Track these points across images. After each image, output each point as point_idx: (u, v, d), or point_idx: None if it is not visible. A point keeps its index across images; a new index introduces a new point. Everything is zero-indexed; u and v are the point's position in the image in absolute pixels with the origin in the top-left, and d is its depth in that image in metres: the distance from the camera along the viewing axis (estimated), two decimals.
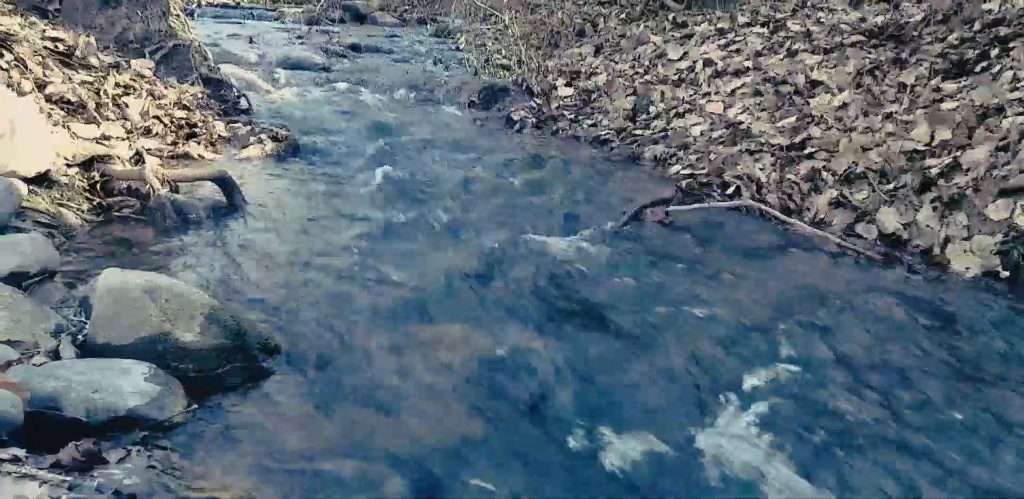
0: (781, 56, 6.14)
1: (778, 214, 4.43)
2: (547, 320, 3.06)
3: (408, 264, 3.56)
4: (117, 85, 4.84)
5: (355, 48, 11.18)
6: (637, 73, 7.19)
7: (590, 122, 6.80)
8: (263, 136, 5.41)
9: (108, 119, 4.52)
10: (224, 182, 4.22)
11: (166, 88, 5.27)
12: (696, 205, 4.55)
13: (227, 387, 2.47)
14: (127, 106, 4.75)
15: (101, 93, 4.65)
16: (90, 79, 4.71)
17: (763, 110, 5.54)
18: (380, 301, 3.14)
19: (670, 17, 8.46)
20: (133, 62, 5.36)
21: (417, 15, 15.93)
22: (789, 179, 4.66)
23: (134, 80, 5.05)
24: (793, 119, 5.17)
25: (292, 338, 2.78)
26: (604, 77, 7.37)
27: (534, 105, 7.37)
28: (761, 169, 4.85)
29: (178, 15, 6.41)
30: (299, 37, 11.74)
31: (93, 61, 4.94)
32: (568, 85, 7.60)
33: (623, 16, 9.24)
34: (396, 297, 3.18)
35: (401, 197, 4.60)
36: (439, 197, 4.64)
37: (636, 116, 6.54)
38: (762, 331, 3.04)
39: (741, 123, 5.49)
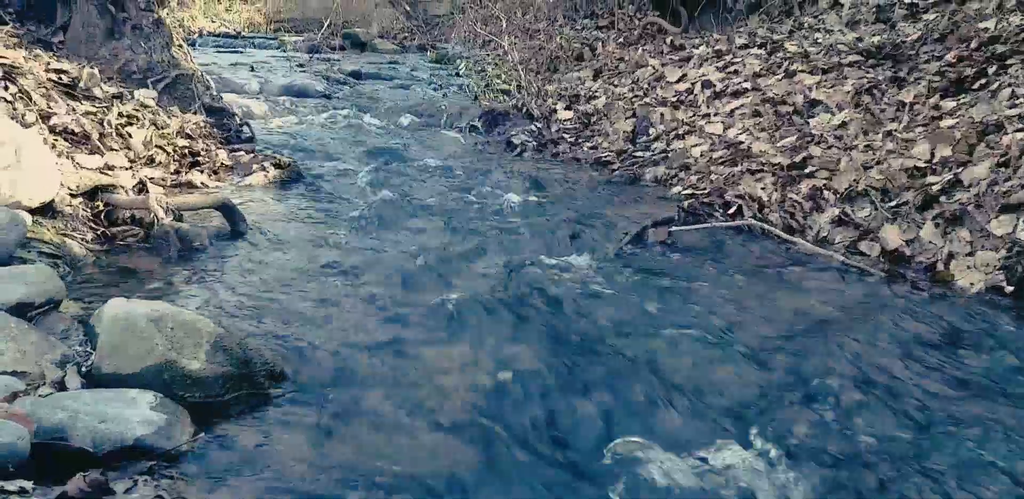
0: (779, 77, 6.18)
1: (780, 233, 4.44)
2: (552, 343, 3.05)
3: (411, 289, 3.56)
4: (120, 115, 4.89)
5: (356, 75, 11.28)
6: (636, 96, 7.24)
7: (590, 145, 6.83)
8: (266, 163, 5.44)
9: (112, 149, 4.56)
10: (227, 210, 4.24)
11: (169, 118, 5.32)
12: (698, 225, 4.56)
13: (233, 414, 2.47)
14: (130, 136, 4.79)
15: (104, 123, 4.69)
16: (94, 110, 4.76)
17: (763, 130, 5.57)
18: (384, 326, 3.14)
19: (668, 40, 8.53)
20: (136, 92, 5.41)
21: (417, 42, 16.09)
22: (791, 198, 4.68)
23: (137, 110, 5.09)
24: (793, 139, 5.20)
25: (297, 364, 2.78)
26: (603, 100, 7.42)
27: (534, 129, 7.41)
28: (762, 188, 4.86)
29: (180, 45, 6.48)
30: (300, 65, 11.86)
31: (97, 92, 4.99)
32: (568, 109, 7.65)
33: (621, 40, 9.32)
34: (400, 322, 3.18)
35: (403, 222, 4.62)
36: (441, 221, 4.65)
37: (636, 138, 6.57)
38: (767, 351, 3.04)
39: (741, 143, 5.52)
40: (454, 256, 4.05)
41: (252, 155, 5.60)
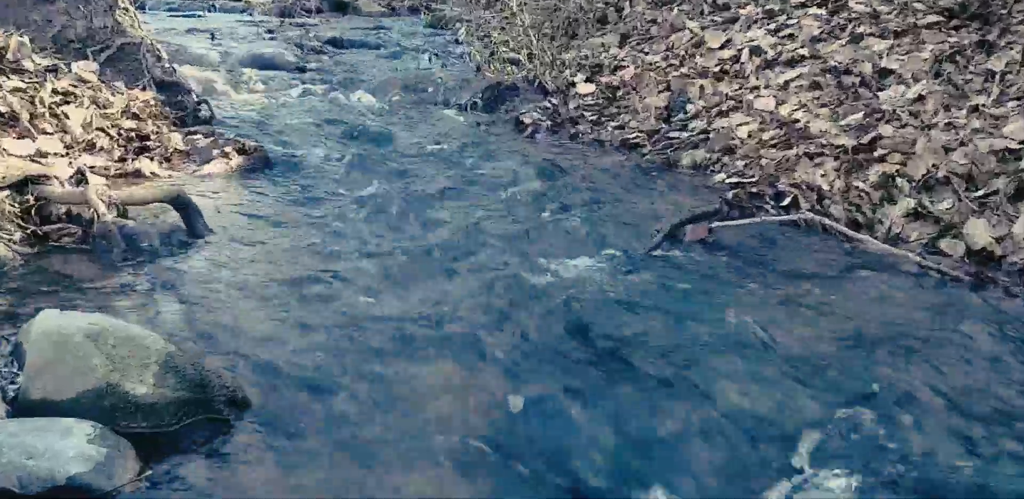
0: (843, 41, 6.16)
1: (844, 229, 4.42)
2: (568, 362, 3.06)
3: (400, 298, 3.57)
4: (55, 92, 4.92)
5: (336, 43, 11.32)
6: (671, 65, 7.24)
7: (616, 124, 6.83)
8: (228, 149, 5.47)
9: (44, 132, 4.59)
10: (182, 204, 4.25)
11: (113, 95, 5.35)
12: (745, 220, 4.55)
13: (187, 447, 2.48)
14: (67, 117, 4.82)
15: (36, 102, 4.72)
16: (23, 86, 4.79)
17: (823, 106, 5.56)
18: (367, 343, 3.14)
19: None
20: (74, 65, 5.44)
21: (408, 3, 16.11)
22: (856, 187, 4.67)
23: (75, 86, 5.12)
24: (860, 116, 5.18)
25: (263, 388, 2.79)
26: (632, 71, 7.42)
27: (548, 105, 7.42)
28: (822, 176, 4.85)
29: (126, 9, 6.52)
30: (269, 31, 11.90)
31: (27, 65, 5.02)
32: (589, 81, 7.65)
33: None
34: (386, 338, 3.19)
35: (391, 219, 4.63)
36: (436, 217, 4.66)
37: (671, 116, 6.57)
38: (828, 370, 3.03)
39: (797, 122, 5.51)
40: (452, 260, 4.06)
41: (211, 139, 5.62)
